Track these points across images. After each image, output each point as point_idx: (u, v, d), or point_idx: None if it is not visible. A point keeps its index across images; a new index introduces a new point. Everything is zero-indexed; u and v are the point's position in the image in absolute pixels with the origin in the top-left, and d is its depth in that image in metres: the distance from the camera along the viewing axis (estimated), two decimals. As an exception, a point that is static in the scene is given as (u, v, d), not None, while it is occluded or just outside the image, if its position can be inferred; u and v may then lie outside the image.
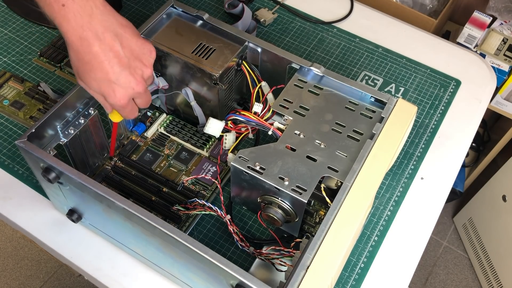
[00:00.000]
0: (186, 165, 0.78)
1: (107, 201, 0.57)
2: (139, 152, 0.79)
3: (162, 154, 0.79)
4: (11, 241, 1.68)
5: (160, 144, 0.80)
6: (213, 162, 0.78)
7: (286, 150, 0.63)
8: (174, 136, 0.80)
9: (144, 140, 0.81)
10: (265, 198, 0.62)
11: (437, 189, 0.82)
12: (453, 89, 0.95)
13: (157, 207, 0.72)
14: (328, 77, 0.69)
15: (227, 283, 0.53)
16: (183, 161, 0.78)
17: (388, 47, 1.01)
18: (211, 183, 0.76)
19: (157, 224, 0.54)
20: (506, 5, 1.35)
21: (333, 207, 0.56)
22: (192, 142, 0.79)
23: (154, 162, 0.78)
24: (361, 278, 0.71)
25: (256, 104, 0.69)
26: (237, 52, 0.72)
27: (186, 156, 0.79)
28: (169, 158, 0.79)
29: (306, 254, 0.52)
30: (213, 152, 0.79)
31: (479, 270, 1.63)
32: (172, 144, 0.80)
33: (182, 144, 0.80)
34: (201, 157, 0.79)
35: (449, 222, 1.77)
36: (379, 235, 0.75)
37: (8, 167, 0.79)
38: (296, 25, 1.04)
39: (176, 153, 0.79)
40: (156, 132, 0.82)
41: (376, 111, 0.67)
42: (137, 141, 0.80)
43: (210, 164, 0.78)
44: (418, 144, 0.87)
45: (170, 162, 0.78)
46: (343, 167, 0.61)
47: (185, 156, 0.79)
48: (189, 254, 0.53)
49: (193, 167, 0.78)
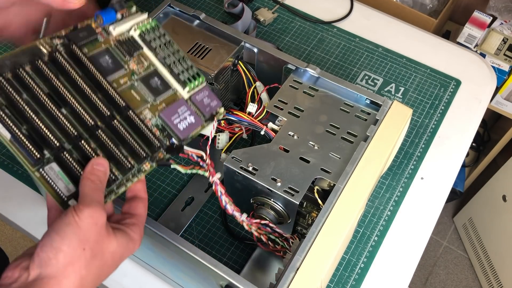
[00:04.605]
0: (155, 98, 0.55)
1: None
2: (94, 49, 0.54)
3: (125, 68, 0.55)
4: (11, 241, 1.68)
5: (127, 51, 0.55)
6: (193, 111, 0.57)
7: (279, 151, 0.63)
8: (150, 52, 0.57)
9: (106, 37, 0.55)
10: (258, 199, 0.62)
11: (437, 189, 0.82)
12: (453, 89, 0.95)
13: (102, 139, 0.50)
14: (324, 78, 0.69)
15: (216, 283, 0.53)
16: (152, 89, 0.55)
17: (388, 46, 1.01)
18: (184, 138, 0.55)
19: (149, 225, 0.54)
20: (506, 4, 1.35)
21: (324, 209, 0.56)
22: (175, 70, 0.57)
23: (112, 72, 0.54)
24: (361, 278, 0.71)
25: (250, 104, 0.69)
26: (233, 52, 0.72)
27: (157, 84, 0.56)
28: (134, 76, 0.55)
29: (296, 256, 0.52)
30: (195, 98, 0.58)
31: (479, 270, 1.63)
32: (143, 60, 0.57)
33: (157, 68, 0.57)
34: (178, 98, 0.57)
35: (449, 222, 1.77)
36: (379, 235, 0.75)
37: (8, 167, 0.80)
38: (296, 25, 1.04)
39: (145, 75, 0.56)
40: (126, 35, 0.57)
41: (371, 113, 0.67)
42: (96, 32, 0.55)
43: (188, 111, 0.56)
44: (418, 144, 0.87)
45: (133, 83, 0.55)
46: (336, 169, 0.61)
47: (157, 85, 0.56)
48: (180, 254, 0.54)
49: (163, 105, 0.55)
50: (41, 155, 0.46)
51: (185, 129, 0.55)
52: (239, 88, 0.80)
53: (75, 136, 0.48)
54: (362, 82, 0.94)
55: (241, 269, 0.69)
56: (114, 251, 0.45)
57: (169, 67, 0.57)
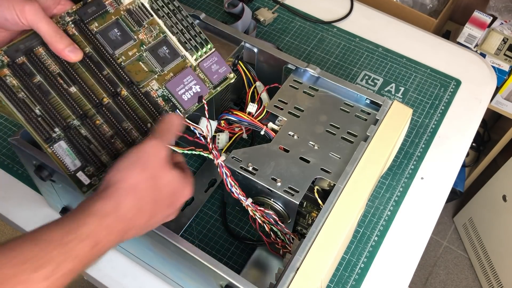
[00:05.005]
0: (162, 68, 0.58)
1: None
2: (104, 22, 0.57)
3: (134, 38, 0.58)
4: (11, 240, 1.68)
5: (136, 22, 0.58)
6: (199, 79, 0.59)
7: (279, 151, 0.63)
8: (160, 19, 0.59)
9: (116, 7, 0.58)
10: (258, 199, 0.62)
11: (437, 189, 0.82)
12: (453, 89, 0.95)
13: (108, 113, 0.55)
14: (324, 78, 0.69)
15: (216, 283, 0.53)
16: (160, 59, 0.58)
17: (388, 46, 1.01)
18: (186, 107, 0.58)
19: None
20: (506, 4, 1.35)
21: (324, 209, 0.56)
22: (182, 38, 0.59)
23: (120, 45, 0.57)
24: (361, 278, 0.71)
25: (250, 104, 0.69)
26: (233, 52, 0.72)
27: (165, 53, 0.58)
28: (142, 47, 0.58)
29: (296, 256, 0.52)
30: (203, 65, 0.60)
31: (479, 270, 1.63)
32: (152, 29, 0.59)
33: (166, 34, 0.59)
34: (186, 65, 0.59)
35: (449, 222, 1.77)
36: (379, 235, 0.75)
37: (8, 167, 0.80)
38: (296, 25, 1.04)
39: (153, 45, 0.58)
40: (136, 3, 0.59)
41: (371, 113, 0.67)
42: (106, 4, 0.58)
43: (194, 80, 0.59)
44: (418, 144, 0.87)
45: (141, 54, 0.58)
46: (336, 169, 0.61)
47: (165, 54, 0.58)
48: (179, 254, 0.54)
49: (171, 75, 0.58)
50: (52, 133, 0.52)
51: (189, 100, 0.57)
52: (239, 88, 0.80)
53: (83, 113, 0.54)
54: (362, 82, 0.94)
55: (241, 269, 0.69)
56: (170, 181, 0.50)
57: (177, 35, 0.59)
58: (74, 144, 0.53)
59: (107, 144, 0.54)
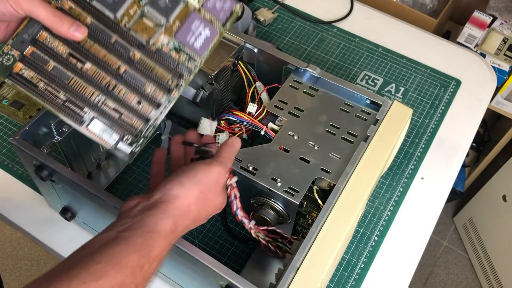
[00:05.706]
0: (167, 18, 0.54)
1: (99, 200, 0.57)
2: None
3: None
4: (10, 241, 1.68)
5: None
6: (206, 21, 0.54)
7: (280, 151, 0.63)
8: None
9: None
10: (258, 199, 0.62)
11: (437, 189, 0.82)
12: (453, 89, 0.95)
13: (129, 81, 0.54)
14: (324, 78, 0.69)
15: (216, 283, 0.53)
16: (162, 10, 0.54)
17: (388, 47, 1.01)
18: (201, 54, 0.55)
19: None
20: (507, 4, 1.34)
21: (324, 209, 0.56)
22: None
23: (119, 5, 0.53)
24: (361, 278, 0.71)
25: (250, 105, 0.69)
26: (233, 52, 0.72)
27: (166, 2, 0.54)
28: (141, 1, 0.54)
29: (296, 256, 0.52)
30: (207, 5, 0.55)
31: (479, 270, 1.63)
32: None
33: None
34: (190, 9, 0.54)
35: (449, 222, 1.77)
36: (379, 235, 0.75)
37: (8, 167, 0.80)
38: (296, 25, 1.04)
39: None
40: None
41: (371, 113, 0.67)
42: None
43: (202, 24, 0.54)
44: (418, 144, 0.87)
45: (142, 10, 0.54)
46: (336, 169, 0.61)
47: (165, 3, 0.54)
48: (180, 254, 0.54)
49: (177, 23, 0.54)
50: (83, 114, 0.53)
51: (202, 46, 0.55)
52: (239, 88, 0.80)
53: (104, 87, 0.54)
54: (362, 82, 0.94)
55: (241, 269, 0.69)
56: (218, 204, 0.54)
57: None
58: (107, 118, 0.54)
59: (137, 110, 0.54)
